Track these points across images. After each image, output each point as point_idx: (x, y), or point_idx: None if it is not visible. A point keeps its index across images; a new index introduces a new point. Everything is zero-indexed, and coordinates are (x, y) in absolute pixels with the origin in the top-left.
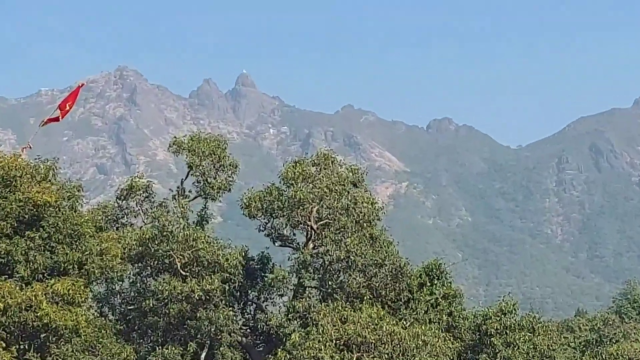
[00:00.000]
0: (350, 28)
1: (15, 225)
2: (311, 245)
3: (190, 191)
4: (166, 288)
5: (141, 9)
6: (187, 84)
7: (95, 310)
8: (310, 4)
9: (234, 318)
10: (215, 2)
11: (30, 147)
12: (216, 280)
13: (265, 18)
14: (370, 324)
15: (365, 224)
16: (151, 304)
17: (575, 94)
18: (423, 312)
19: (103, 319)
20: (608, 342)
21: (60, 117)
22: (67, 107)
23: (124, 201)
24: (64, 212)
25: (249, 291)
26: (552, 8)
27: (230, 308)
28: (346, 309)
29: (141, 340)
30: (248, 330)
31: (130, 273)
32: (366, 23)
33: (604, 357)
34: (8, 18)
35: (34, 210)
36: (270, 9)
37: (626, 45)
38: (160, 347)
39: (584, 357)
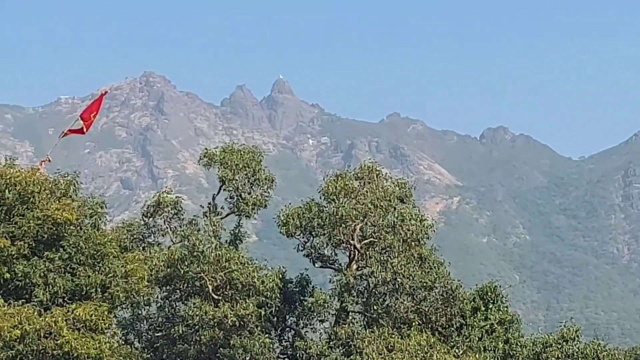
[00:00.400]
0: (394, 30)
1: (34, 245)
2: (354, 266)
3: (222, 207)
4: (197, 313)
5: (168, 9)
6: (218, 90)
7: (120, 338)
8: (352, 4)
9: (271, 346)
10: (247, 3)
11: (49, 161)
12: (251, 304)
13: (302, 19)
14: (419, 352)
15: (413, 243)
16: (180, 331)
17: None
18: (477, 339)
19: (128, 347)
20: None
21: (84, 129)
22: (91, 118)
23: (151, 218)
24: (85, 231)
25: (287, 316)
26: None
27: (267, 335)
28: (393, 335)
29: None
30: (286, 359)
31: (157, 297)
32: (410, 26)
33: None
34: (24, 22)
35: (54, 229)
36: (307, 10)
37: None
38: None
39: None
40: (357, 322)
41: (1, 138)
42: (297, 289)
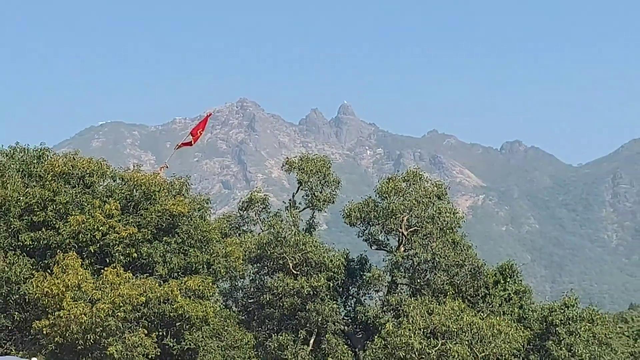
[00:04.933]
0: (435, 61)
1: (155, 232)
2: (402, 249)
3: (300, 203)
4: (280, 285)
5: (257, 48)
6: (297, 113)
7: (221, 303)
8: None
9: (338, 310)
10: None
11: (167, 167)
12: (322, 278)
13: (361, 53)
14: (452, 315)
15: (448, 231)
16: (268, 298)
17: (628, 118)
18: (498, 305)
19: (228, 310)
20: None
21: (192, 142)
22: (198, 134)
23: (245, 212)
24: (195, 221)
25: (350, 287)
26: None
27: (334, 302)
28: (432, 302)
29: (259, 328)
30: (349, 320)
31: (250, 272)
32: (443, 58)
33: None
34: (154, 57)
35: (170, 219)
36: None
37: None
38: (275, 334)
39: (636, 344)
40: (404, 292)
41: (130, 149)
42: (358, 266)
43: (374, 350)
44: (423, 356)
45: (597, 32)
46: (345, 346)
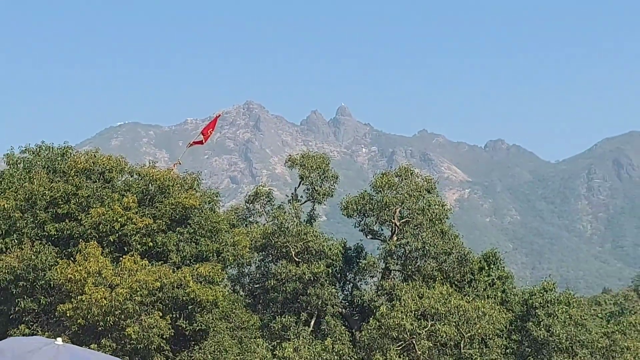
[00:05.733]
0: (423, 64)
1: (169, 223)
2: (395, 238)
3: (301, 197)
4: (283, 271)
5: (265, 55)
6: (299, 114)
7: (230, 288)
8: (392, 50)
9: (336, 294)
10: (319, 51)
11: (180, 164)
12: (322, 265)
13: (359, 59)
14: (441, 299)
15: (436, 222)
16: (272, 283)
17: (601, 118)
18: (482, 289)
19: (235, 294)
20: (628, 313)
21: (203, 141)
22: (209, 133)
23: (251, 204)
24: (205, 213)
25: (347, 273)
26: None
27: (333, 286)
28: (422, 287)
29: (264, 311)
30: (347, 303)
31: (256, 259)
32: (432, 64)
33: (624, 325)
34: (172, 63)
35: (183, 211)
36: (364, 52)
37: None
38: (279, 316)
39: (609, 325)
40: (396, 278)
41: (146, 148)
42: (354, 254)
43: (369, 330)
44: (414, 336)
45: (574, 37)
46: (343, 327)
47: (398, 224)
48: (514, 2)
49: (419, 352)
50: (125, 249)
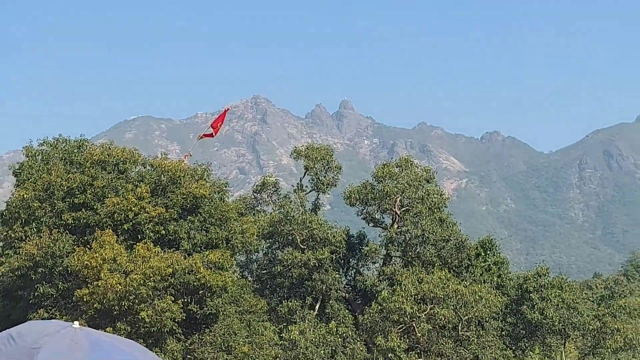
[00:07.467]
0: (423, 60)
1: (180, 212)
2: (396, 226)
3: (306, 186)
4: (289, 257)
5: (272, 51)
6: (304, 107)
7: (238, 274)
8: (393, 50)
9: (339, 279)
10: (325, 47)
11: (190, 155)
12: (326, 251)
13: (361, 56)
14: (440, 283)
15: (435, 210)
16: (279, 269)
17: (592, 110)
18: (479, 274)
19: (244, 280)
20: (618, 297)
21: (213, 134)
22: (218, 126)
23: (259, 194)
24: (215, 202)
25: (350, 260)
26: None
27: (337, 272)
28: (422, 272)
29: (272, 296)
30: (350, 288)
31: (263, 246)
32: (431, 60)
33: (615, 308)
34: (183, 58)
35: (194, 200)
36: (365, 49)
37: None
38: (285, 301)
39: (599, 308)
40: (397, 264)
41: (158, 140)
42: (357, 241)
43: (371, 314)
44: (414, 319)
45: (566, 32)
46: (347, 311)
47: (398, 212)
48: None
49: (419, 335)
50: (139, 237)
